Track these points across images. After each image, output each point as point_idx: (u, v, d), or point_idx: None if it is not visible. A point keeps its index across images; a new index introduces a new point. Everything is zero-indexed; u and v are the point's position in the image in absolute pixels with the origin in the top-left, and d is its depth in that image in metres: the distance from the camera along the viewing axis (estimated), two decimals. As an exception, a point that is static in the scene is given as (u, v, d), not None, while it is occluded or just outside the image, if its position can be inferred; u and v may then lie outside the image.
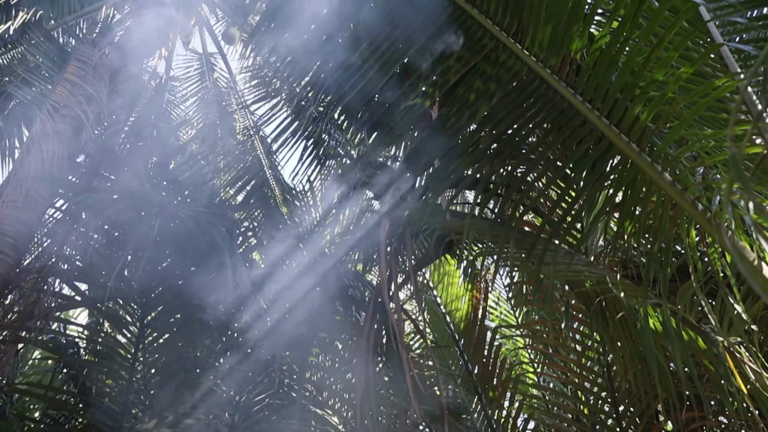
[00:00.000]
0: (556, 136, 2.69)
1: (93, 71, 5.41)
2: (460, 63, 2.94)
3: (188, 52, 8.46)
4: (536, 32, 2.66)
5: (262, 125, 7.70)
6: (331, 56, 3.56)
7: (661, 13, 2.12)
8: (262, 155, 7.60)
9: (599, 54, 2.45)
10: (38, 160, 4.62)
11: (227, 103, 7.96)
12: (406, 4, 3.10)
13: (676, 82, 2.17)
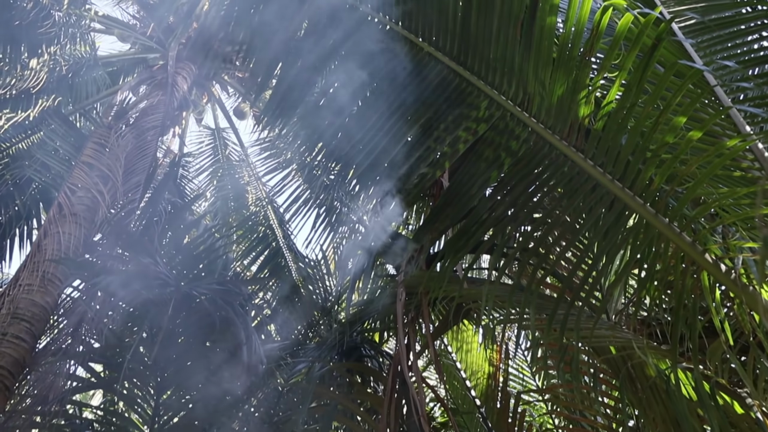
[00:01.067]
0: (569, 200, 2.69)
1: (109, 153, 5.55)
2: (468, 132, 2.98)
3: (201, 128, 8.70)
4: (542, 100, 2.71)
5: (274, 196, 7.79)
6: (342, 128, 3.63)
7: (667, 78, 2.15)
8: (275, 225, 7.65)
9: (607, 119, 2.48)
10: (55, 242, 4.67)
11: (240, 176, 8.10)
12: (413, 77, 3.17)
13: (687, 144, 2.17)
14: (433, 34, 3.14)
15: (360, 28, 3.39)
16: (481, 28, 2.88)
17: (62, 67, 6.77)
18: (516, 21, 2.73)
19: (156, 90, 6.26)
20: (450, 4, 3.01)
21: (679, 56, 2.99)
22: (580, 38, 2.46)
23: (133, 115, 5.88)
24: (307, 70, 3.73)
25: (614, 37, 2.23)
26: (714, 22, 3.41)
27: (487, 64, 2.90)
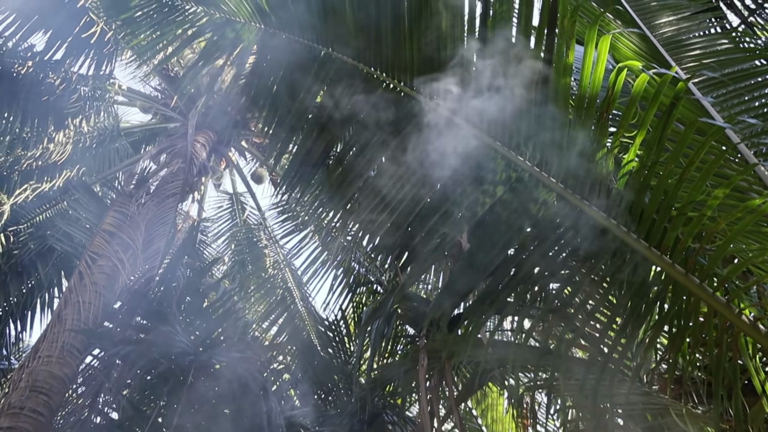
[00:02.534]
0: (595, 260, 2.62)
1: (129, 220, 5.62)
2: (486, 195, 2.96)
3: (219, 193, 8.84)
4: (561, 161, 2.69)
5: (292, 258, 7.79)
6: (360, 192, 3.64)
7: (688, 136, 2.12)
8: (293, 287, 7.61)
9: (629, 177, 2.44)
10: (75, 311, 4.67)
11: (258, 239, 8.14)
12: (426, 144, 3.19)
13: (713, 202, 2.12)
14: (448, 99, 3.17)
15: (373, 97, 3.45)
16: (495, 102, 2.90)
17: (87, 139, 6.97)
18: (530, 82, 2.75)
19: (176, 158, 6.39)
20: (464, 65, 3.05)
21: (698, 112, 2.97)
22: (596, 98, 2.46)
23: (153, 183, 5.98)
24: (325, 137, 3.78)
25: (631, 98, 2.22)
26: (728, 76, 3.41)
27: (503, 126, 2.91)
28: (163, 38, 4.48)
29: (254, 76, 4.18)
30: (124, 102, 7.66)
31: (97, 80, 6.50)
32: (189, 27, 4.34)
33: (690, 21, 3.98)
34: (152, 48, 4.74)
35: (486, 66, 2.97)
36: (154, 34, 4.54)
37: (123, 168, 7.33)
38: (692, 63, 3.55)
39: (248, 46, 4.20)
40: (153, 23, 4.48)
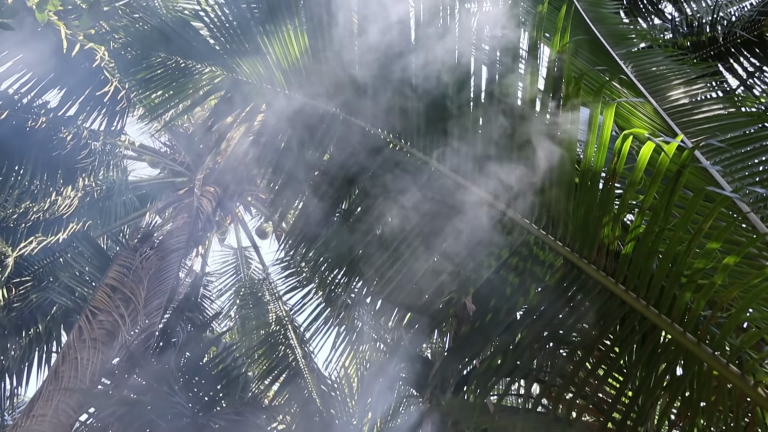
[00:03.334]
0: (603, 326, 2.57)
1: (133, 275, 5.59)
2: (491, 257, 2.94)
3: (224, 247, 8.84)
4: (567, 224, 2.68)
5: (294, 314, 7.69)
6: (365, 251, 3.62)
7: (695, 204, 2.11)
8: (296, 344, 7.49)
9: (636, 243, 2.42)
10: (72, 368, 4.58)
11: (261, 294, 8.07)
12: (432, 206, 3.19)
13: (723, 270, 2.09)
14: (455, 160, 3.20)
15: (380, 157, 3.48)
16: (503, 152, 2.93)
17: (94, 192, 7.03)
18: (536, 146, 2.77)
19: (182, 212, 6.42)
20: (470, 129, 3.09)
21: (703, 176, 2.98)
22: (602, 164, 2.47)
23: (158, 238, 5.98)
24: (331, 195, 3.79)
25: (636, 165, 2.23)
26: (732, 140, 3.44)
27: (509, 189, 2.92)
28: (176, 97, 4.57)
29: (263, 134, 4.24)
30: (133, 156, 7.77)
31: (108, 136, 6.61)
32: (201, 87, 4.44)
33: (691, 85, 4.05)
34: (164, 106, 4.83)
35: (491, 130, 3.00)
36: (167, 93, 4.64)
37: (129, 221, 7.36)
38: (695, 127, 3.59)
39: (258, 106, 4.28)
40: (166, 83, 4.59)
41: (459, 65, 3.06)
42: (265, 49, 3.87)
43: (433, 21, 3.06)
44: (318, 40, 3.58)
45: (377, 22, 3.28)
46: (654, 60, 4.26)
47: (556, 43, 2.47)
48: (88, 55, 5.97)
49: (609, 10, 4.90)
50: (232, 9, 4.13)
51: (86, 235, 6.23)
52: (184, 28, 4.39)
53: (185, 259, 7.07)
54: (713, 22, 5.73)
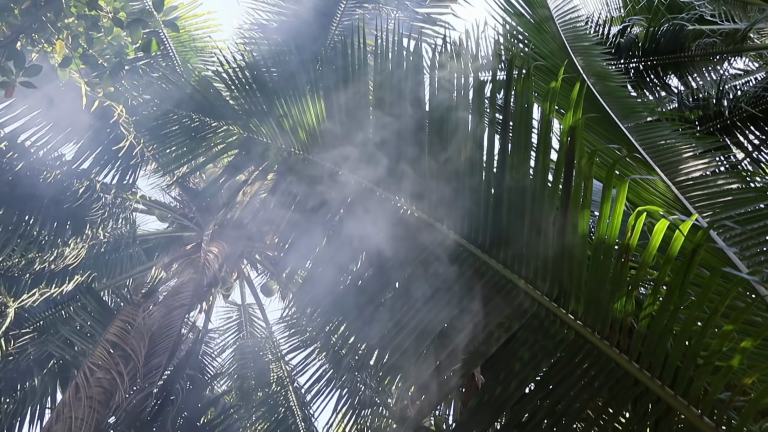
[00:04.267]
0: (617, 405, 2.49)
1: (134, 331, 5.52)
2: (501, 329, 2.89)
3: (228, 303, 8.75)
4: (579, 297, 2.64)
5: (296, 375, 7.53)
6: (374, 315, 3.58)
7: (712, 284, 2.09)
8: (296, 407, 7.29)
9: (651, 320, 2.38)
10: (65, 428, 4.45)
11: (263, 353, 7.94)
12: (445, 267, 3.17)
13: (741, 353, 2.04)
14: (465, 227, 3.20)
15: (389, 216, 3.49)
16: (514, 222, 2.92)
17: (102, 244, 7.04)
18: (548, 217, 2.77)
19: (188, 268, 6.40)
20: (482, 195, 3.10)
21: (716, 253, 2.96)
22: (615, 239, 2.46)
23: (162, 294, 5.94)
24: (341, 257, 3.78)
25: (650, 243, 2.22)
26: (742, 216, 3.44)
27: (520, 258, 2.90)
28: (191, 154, 4.64)
29: (275, 193, 4.27)
30: (143, 210, 7.83)
31: (120, 189, 6.68)
32: (217, 144, 4.52)
33: (700, 159, 4.09)
34: (179, 162, 4.90)
35: (503, 201, 3.01)
36: (181, 149, 4.72)
37: (134, 275, 7.33)
38: (705, 202, 3.59)
39: (271, 165, 4.33)
40: (182, 139, 4.67)
41: (471, 135, 3.10)
42: (283, 111, 3.96)
43: (447, 92, 3.12)
44: (334, 106, 3.66)
45: (392, 93, 3.35)
46: (662, 133, 4.32)
47: (569, 119, 2.51)
48: (106, 110, 6.12)
49: (617, 84, 5.01)
50: (252, 71, 4.25)
51: (90, 288, 6.20)
52: (202, 87, 4.51)
53: (188, 316, 6.99)
54: (719, 97, 5.84)
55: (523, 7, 5.03)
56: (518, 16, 5.04)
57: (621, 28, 6.48)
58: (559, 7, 5.35)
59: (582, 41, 5.27)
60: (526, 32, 5.07)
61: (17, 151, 6.03)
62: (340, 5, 6.17)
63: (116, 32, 3.65)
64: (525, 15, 5.04)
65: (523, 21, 5.05)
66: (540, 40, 5.03)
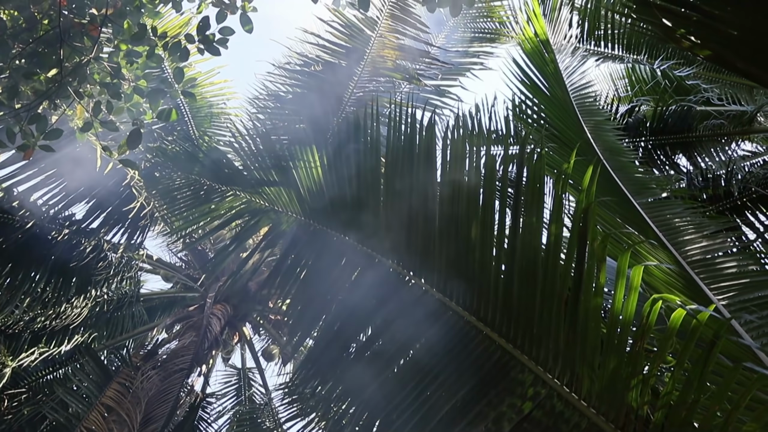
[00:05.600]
0: (633, 502, 2.35)
1: (131, 395, 5.37)
2: (513, 410, 2.78)
3: (227, 367, 8.57)
4: (592, 383, 2.55)
5: (294, 446, 7.24)
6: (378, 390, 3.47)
7: (733, 379, 2.01)
8: (292, 481, 6.97)
9: (668, 411, 2.28)
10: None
11: (261, 420, 7.68)
12: (453, 347, 3.09)
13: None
14: (475, 303, 3.14)
15: (396, 288, 3.44)
16: (524, 300, 2.87)
17: (105, 303, 6.97)
18: (560, 297, 2.72)
19: (189, 330, 6.31)
20: (491, 273, 3.06)
21: (735, 342, 2.88)
22: (630, 324, 2.40)
23: (162, 357, 5.82)
24: (347, 328, 3.71)
25: (667, 332, 2.15)
26: (758, 300, 3.37)
27: (531, 338, 2.82)
28: (201, 218, 4.66)
29: (284, 259, 4.23)
30: (148, 270, 7.80)
31: (127, 249, 6.69)
32: (227, 209, 4.54)
33: (713, 240, 4.05)
34: (188, 225, 4.91)
35: (512, 273, 2.97)
36: (191, 214, 4.75)
37: (135, 335, 7.22)
38: (720, 283, 3.53)
39: (281, 232, 4.32)
40: (192, 203, 4.71)
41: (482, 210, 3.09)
42: (294, 179, 3.99)
43: (458, 167, 3.14)
44: (345, 177, 3.69)
45: (404, 167, 3.38)
46: (674, 211, 4.31)
47: (582, 200, 2.50)
48: (119, 171, 6.20)
49: (628, 159, 5.05)
50: (264, 139, 4.32)
51: (89, 348, 6.09)
52: (215, 153, 4.58)
53: (187, 380, 6.83)
54: (728, 177, 5.87)
55: (538, 78, 5.13)
56: (533, 87, 5.14)
57: (629, 108, 6.60)
58: (573, 82, 5.46)
59: (594, 116, 5.35)
60: (540, 103, 5.16)
61: (29, 209, 6.08)
62: (353, 78, 6.35)
63: (136, 99, 3.74)
64: (539, 86, 5.13)
65: (537, 92, 5.14)
66: (553, 112, 5.10)
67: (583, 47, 7.40)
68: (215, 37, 3.70)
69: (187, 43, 3.73)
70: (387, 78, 6.37)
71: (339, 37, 6.42)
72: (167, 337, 7.02)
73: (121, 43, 3.74)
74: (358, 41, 6.30)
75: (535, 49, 5.08)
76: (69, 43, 3.75)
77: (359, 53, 6.31)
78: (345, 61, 6.33)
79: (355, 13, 6.16)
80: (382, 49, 6.23)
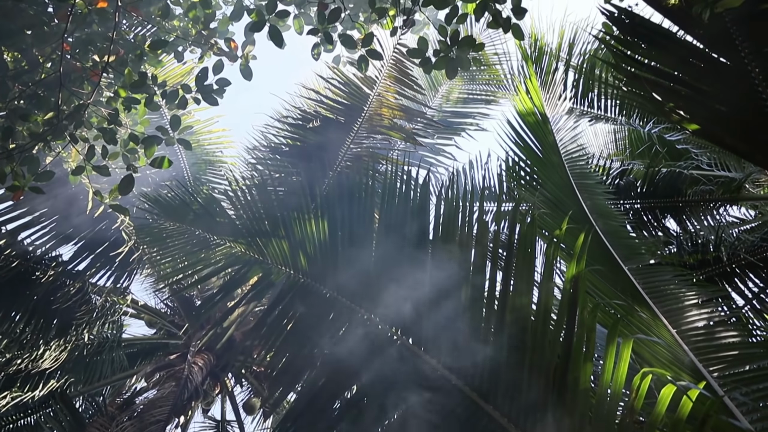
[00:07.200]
0: None
1: (104, 447, 5.17)
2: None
3: (206, 419, 8.30)
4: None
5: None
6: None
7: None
8: None
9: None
10: None
11: (237, 477, 7.39)
12: (440, 412, 3.01)
13: None
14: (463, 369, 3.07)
15: (386, 354, 3.37)
16: (513, 368, 2.82)
17: (84, 347, 6.80)
18: (549, 366, 2.67)
19: (170, 380, 6.13)
20: (481, 339, 3.01)
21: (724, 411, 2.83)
22: (619, 397, 2.35)
23: (140, 407, 5.63)
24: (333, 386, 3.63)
25: (657, 408, 2.10)
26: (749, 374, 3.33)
27: (519, 406, 2.76)
28: (190, 267, 4.61)
29: (271, 311, 4.15)
30: (132, 314, 7.65)
31: (112, 293, 6.57)
32: (217, 259, 4.48)
33: (702, 308, 4.02)
34: (178, 273, 4.85)
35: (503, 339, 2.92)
36: (181, 261, 4.69)
37: (113, 382, 7.01)
38: (711, 355, 3.49)
39: (269, 284, 4.26)
40: (181, 250, 4.66)
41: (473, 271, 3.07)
42: (285, 232, 3.96)
43: (451, 231, 3.14)
44: (338, 232, 3.67)
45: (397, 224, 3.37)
46: (664, 278, 4.30)
47: (572, 268, 2.49)
48: (110, 215, 6.17)
49: (618, 223, 5.07)
50: (260, 191, 4.32)
51: (64, 394, 5.89)
52: (209, 203, 4.56)
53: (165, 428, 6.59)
54: (717, 243, 5.90)
55: (532, 140, 5.18)
56: (526, 148, 5.19)
57: (620, 170, 6.69)
58: (566, 144, 5.53)
59: (586, 179, 5.40)
60: (533, 164, 5.21)
61: (15, 249, 6.01)
62: (350, 134, 6.43)
63: (131, 146, 3.75)
64: (533, 148, 5.18)
65: (530, 153, 5.19)
66: (545, 173, 5.14)
67: (577, 108, 7.56)
68: (213, 87, 3.74)
69: (184, 93, 3.77)
70: (383, 135, 6.46)
71: (338, 94, 6.54)
72: (146, 385, 6.81)
73: (120, 90, 3.77)
74: (357, 99, 6.42)
75: (529, 112, 5.17)
76: (68, 86, 3.78)
77: (357, 110, 6.42)
78: (343, 118, 6.43)
79: (355, 72, 6.30)
80: (380, 107, 6.35)
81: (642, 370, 2.14)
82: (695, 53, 3.41)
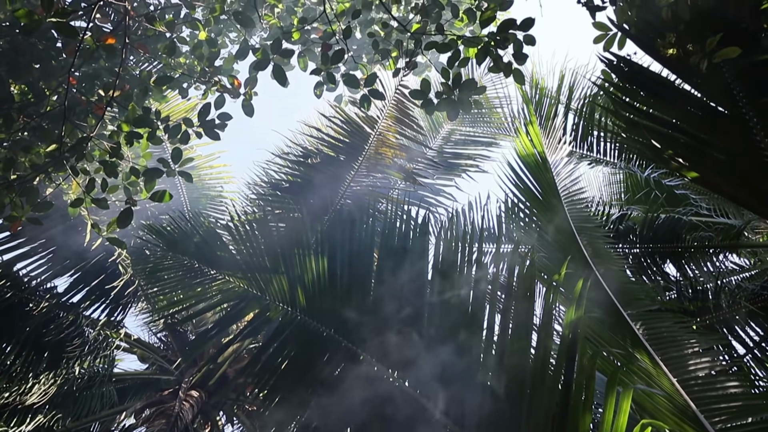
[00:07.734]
0: None
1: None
2: None
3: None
4: None
5: None
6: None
7: None
8: None
9: None
10: None
11: None
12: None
13: None
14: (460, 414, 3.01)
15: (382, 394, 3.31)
16: (511, 414, 2.75)
17: (74, 381, 6.67)
18: (548, 414, 2.61)
19: (160, 417, 5.99)
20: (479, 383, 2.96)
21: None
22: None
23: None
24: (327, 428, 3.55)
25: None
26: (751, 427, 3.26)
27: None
28: (187, 300, 4.57)
29: (266, 348, 4.09)
30: (125, 348, 7.53)
31: (106, 326, 6.49)
32: (214, 294, 4.45)
33: (703, 357, 3.96)
34: (173, 306, 4.81)
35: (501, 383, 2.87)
36: (178, 295, 4.66)
37: (102, 418, 6.84)
38: (712, 405, 3.42)
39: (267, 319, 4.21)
40: (180, 284, 4.62)
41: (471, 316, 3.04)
42: (284, 268, 3.94)
43: (450, 271, 3.12)
44: (338, 271, 3.65)
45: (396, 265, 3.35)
46: (664, 324, 4.25)
47: (571, 314, 2.46)
48: (107, 247, 6.13)
49: (618, 267, 5.04)
50: (260, 226, 4.31)
51: (51, 430, 5.75)
52: (209, 236, 4.54)
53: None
54: (717, 290, 5.86)
55: (531, 181, 5.20)
56: (526, 191, 5.20)
57: (620, 215, 6.70)
58: (566, 187, 5.54)
59: (585, 222, 5.39)
60: (532, 207, 5.21)
61: (10, 279, 5.96)
62: (351, 172, 6.47)
63: (132, 179, 3.76)
64: (532, 189, 5.19)
65: (530, 196, 5.20)
66: (545, 216, 5.14)
67: (576, 151, 7.61)
68: (215, 122, 3.78)
69: (186, 127, 3.80)
70: (384, 174, 6.49)
71: (339, 132, 6.60)
72: (135, 423, 6.66)
73: (123, 124, 3.80)
74: (358, 137, 6.48)
75: (530, 154, 5.21)
76: (72, 119, 3.81)
77: (358, 149, 6.47)
78: (344, 155, 6.48)
79: (357, 111, 6.37)
80: (381, 146, 6.40)
81: (641, 421, 2.09)
82: (694, 102, 3.45)
